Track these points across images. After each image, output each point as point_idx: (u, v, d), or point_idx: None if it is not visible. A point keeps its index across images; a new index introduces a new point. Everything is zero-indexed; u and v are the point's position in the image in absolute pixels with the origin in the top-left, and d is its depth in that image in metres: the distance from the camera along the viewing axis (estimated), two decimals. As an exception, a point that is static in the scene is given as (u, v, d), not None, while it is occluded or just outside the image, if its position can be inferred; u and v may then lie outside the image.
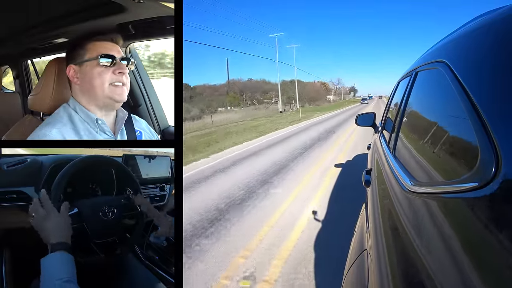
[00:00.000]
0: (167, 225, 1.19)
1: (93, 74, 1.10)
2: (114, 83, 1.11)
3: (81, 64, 1.11)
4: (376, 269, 0.63)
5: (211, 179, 4.41)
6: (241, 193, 3.61)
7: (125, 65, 1.14)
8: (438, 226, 0.44)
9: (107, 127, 1.13)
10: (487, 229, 0.34)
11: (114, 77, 1.11)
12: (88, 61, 1.10)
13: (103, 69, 1.10)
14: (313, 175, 4.35)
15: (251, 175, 4.43)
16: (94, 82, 1.10)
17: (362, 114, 2.49)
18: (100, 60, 1.10)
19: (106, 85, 1.10)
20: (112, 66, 1.11)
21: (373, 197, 1.05)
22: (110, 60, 1.10)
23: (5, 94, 1.89)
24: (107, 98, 1.11)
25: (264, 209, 3.09)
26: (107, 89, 1.11)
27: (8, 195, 1.12)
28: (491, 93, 0.44)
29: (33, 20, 1.24)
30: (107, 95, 1.11)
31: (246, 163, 5.48)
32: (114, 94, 1.12)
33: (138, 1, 1.08)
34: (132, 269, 1.36)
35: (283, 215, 2.91)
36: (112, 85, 1.11)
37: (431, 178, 0.58)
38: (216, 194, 3.60)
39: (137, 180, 1.34)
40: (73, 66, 1.12)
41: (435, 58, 0.72)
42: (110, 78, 1.11)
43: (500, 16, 0.52)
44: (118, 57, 1.12)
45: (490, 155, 0.37)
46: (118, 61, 1.12)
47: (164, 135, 1.59)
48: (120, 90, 1.12)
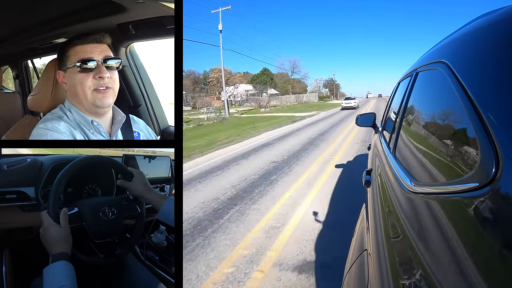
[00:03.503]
0: (161, 198, 1.15)
1: (74, 81, 1.07)
2: (97, 88, 1.07)
3: (65, 71, 1.09)
4: (376, 269, 0.63)
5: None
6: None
7: (109, 66, 1.09)
8: (438, 226, 0.44)
9: (102, 129, 1.13)
10: (487, 229, 0.34)
11: (95, 82, 1.07)
12: (69, 68, 1.08)
13: (83, 75, 1.06)
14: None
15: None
16: (76, 89, 1.07)
17: (362, 115, 2.49)
18: (78, 66, 1.06)
19: (87, 91, 1.07)
20: (92, 71, 1.07)
21: (374, 197, 1.05)
22: (89, 64, 1.06)
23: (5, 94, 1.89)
24: (91, 105, 1.09)
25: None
26: (89, 95, 1.07)
27: (8, 195, 1.12)
28: (491, 93, 0.44)
29: (33, 20, 1.24)
30: (90, 102, 1.08)
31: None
32: (96, 100, 1.08)
33: (138, 1, 1.09)
34: (132, 269, 1.36)
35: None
36: (95, 91, 1.07)
37: (431, 178, 0.58)
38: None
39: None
40: (60, 72, 1.10)
41: (436, 58, 0.72)
42: (91, 83, 1.07)
43: (500, 16, 0.52)
44: (100, 58, 1.08)
45: (491, 155, 0.37)
46: (99, 64, 1.07)
47: (164, 135, 1.59)
48: (102, 95, 1.08)
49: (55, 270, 0.89)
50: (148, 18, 1.24)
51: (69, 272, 0.89)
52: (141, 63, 1.58)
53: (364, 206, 1.34)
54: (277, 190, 3.59)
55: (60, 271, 0.89)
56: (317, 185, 3.72)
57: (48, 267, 0.89)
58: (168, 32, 1.28)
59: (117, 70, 1.13)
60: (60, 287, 0.85)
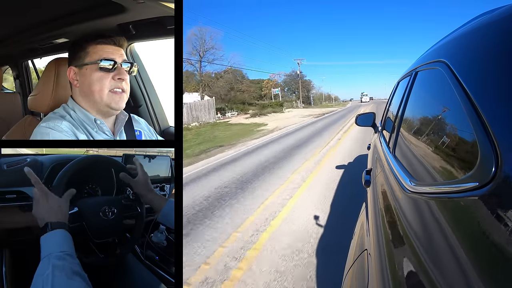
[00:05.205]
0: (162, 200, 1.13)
1: (92, 79, 1.06)
2: (113, 90, 1.07)
3: (81, 67, 1.08)
4: (376, 269, 0.63)
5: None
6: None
7: (126, 70, 1.10)
8: (438, 225, 0.44)
9: (106, 127, 1.12)
10: (487, 229, 0.34)
11: (114, 83, 1.07)
12: (88, 65, 1.07)
13: (103, 74, 1.06)
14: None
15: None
16: (93, 87, 1.06)
17: (362, 114, 2.49)
18: (100, 64, 1.05)
19: (105, 91, 1.07)
20: (112, 71, 1.07)
21: (373, 197, 1.05)
22: (111, 64, 1.06)
23: (5, 94, 1.89)
24: (105, 106, 1.08)
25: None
26: (105, 95, 1.07)
27: (8, 195, 1.12)
28: (491, 93, 0.44)
29: (33, 20, 1.24)
30: (105, 102, 1.08)
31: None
32: (112, 102, 1.08)
33: (138, 1, 1.09)
34: (132, 269, 1.36)
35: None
36: (111, 92, 1.07)
37: (431, 178, 0.58)
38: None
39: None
40: (73, 68, 1.09)
41: (435, 58, 0.72)
42: (109, 84, 1.07)
43: (500, 16, 0.52)
44: (119, 61, 1.09)
45: (490, 155, 0.37)
46: (119, 66, 1.08)
47: (164, 135, 1.59)
48: (119, 97, 1.09)
49: (55, 237, 0.82)
50: (148, 18, 1.24)
51: (69, 241, 0.84)
52: (141, 63, 1.58)
53: (364, 206, 1.34)
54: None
55: (60, 238, 0.83)
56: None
57: (46, 235, 0.83)
58: (168, 32, 1.29)
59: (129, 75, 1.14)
60: (61, 252, 0.79)
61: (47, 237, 0.82)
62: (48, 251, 0.79)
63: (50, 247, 0.80)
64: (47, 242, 0.81)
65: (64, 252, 0.79)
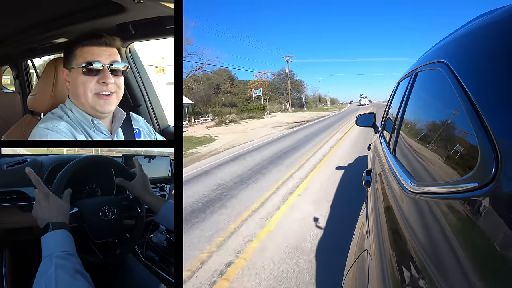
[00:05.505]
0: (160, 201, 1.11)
1: (77, 82, 1.05)
2: (99, 93, 1.05)
3: (70, 70, 1.07)
4: (376, 269, 0.63)
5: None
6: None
7: (114, 71, 1.07)
8: (438, 225, 0.44)
9: (103, 127, 1.12)
10: (487, 229, 0.34)
11: (99, 87, 1.05)
12: (74, 68, 1.06)
13: (87, 77, 1.04)
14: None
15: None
16: (78, 90, 1.05)
17: (362, 115, 2.49)
18: (83, 68, 1.03)
19: (89, 94, 1.05)
20: (97, 75, 1.04)
21: (374, 197, 1.05)
22: (95, 68, 1.04)
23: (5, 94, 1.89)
24: (91, 109, 1.07)
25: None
26: (90, 98, 1.05)
27: (8, 195, 1.12)
28: (491, 93, 0.44)
29: (33, 20, 1.24)
30: (91, 105, 1.06)
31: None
32: (97, 105, 1.06)
33: (138, 1, 1.08)
34: (132, 269, 1.36)
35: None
36: (97, 95, 1.05)
37: (431, 178, 0.58)
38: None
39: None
40: (65, 70, 1.09)
41: (435, 58, 0.72)
42: (94, 87, 1.04)
43: (500, 16, 0.52)
44: (107, 62, 1.06)
45: (490, 155, 0.37)
46: (105, 69, 1.05)
47: (164, 135, 1.59)
48: (104, 101, 1.06)
49: (56, 237, 0.82)
50: (148, 18, 1.24)
51: (71, 241, 0.83)
52: (141, 63, 1.58)
53: (364, 206, 1.34)
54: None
55: (61, 238, 0.82)
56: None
57: (47, 235, 0.82)
58: (168, 32, 1.29)
59: (123, 76, 1.12)
60: (63, 251, 0.78)
61: (48, 237, 0.82)
62: (49, 251, 0.79)
63: (51, 247, 0.80)
64: (48, 241, 0.81)
65: (65, 252, 0.79)
